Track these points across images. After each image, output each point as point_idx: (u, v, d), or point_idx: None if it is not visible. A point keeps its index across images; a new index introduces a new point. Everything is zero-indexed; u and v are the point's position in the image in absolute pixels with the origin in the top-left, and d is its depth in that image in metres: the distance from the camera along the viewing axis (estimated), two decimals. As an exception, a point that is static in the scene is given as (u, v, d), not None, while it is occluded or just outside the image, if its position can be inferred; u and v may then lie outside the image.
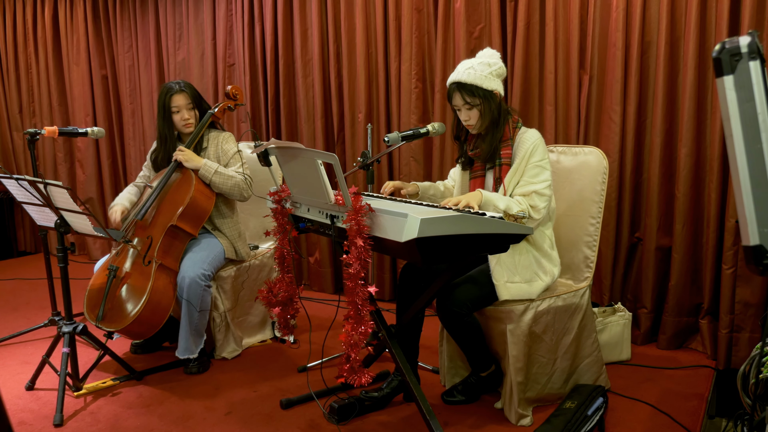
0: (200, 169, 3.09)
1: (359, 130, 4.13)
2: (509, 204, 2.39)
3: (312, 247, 4.52)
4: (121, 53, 5.26)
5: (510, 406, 2.55)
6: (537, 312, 2.51)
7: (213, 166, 3.10)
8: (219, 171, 3.10)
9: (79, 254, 5.78)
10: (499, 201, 2.38)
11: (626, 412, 2.62)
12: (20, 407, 2.78)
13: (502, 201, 2.39)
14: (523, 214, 2.38)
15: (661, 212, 3.23)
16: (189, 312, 2.99)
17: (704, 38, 3.02)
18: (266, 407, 2.74)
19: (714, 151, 3.02)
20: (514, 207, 2.39)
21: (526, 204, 2.43)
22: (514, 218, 2.37)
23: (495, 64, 2.52)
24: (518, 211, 2.38)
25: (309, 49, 4.26)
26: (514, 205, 2.40)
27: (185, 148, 3.13)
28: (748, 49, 1.16)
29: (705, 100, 3.07)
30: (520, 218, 2.38)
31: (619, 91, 3.22)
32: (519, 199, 2.44)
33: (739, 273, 2.98)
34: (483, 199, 2.37)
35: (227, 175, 3.12)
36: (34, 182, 2.60)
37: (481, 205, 2.36)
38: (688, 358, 3.16)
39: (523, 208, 2.40)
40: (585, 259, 2.75)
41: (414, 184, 2.75)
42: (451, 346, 2.82)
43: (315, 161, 2.18)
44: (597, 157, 2.76)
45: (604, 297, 3.40)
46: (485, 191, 2.42)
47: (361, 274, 2.15)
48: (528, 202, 2.44)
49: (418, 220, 1.92)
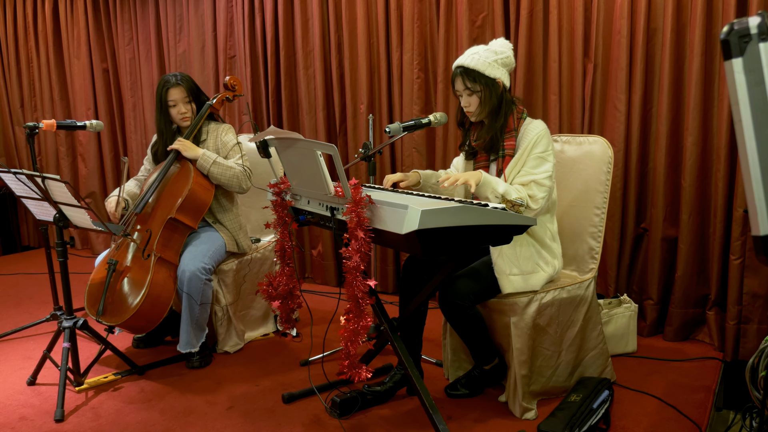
0: (198, 159, 3.06)
1: (361, 122, 4.09)
2: (508, 189, 2.36)
3: (315, 240, 4.50)
4: (121, 46, 5.23)
5: (514, 400, 2.53)
6: (541, 304, 2.48)
7: (211, 156, 3.07)
8: (217, 161, 3.07)
9: (82, 248, 5.77)
10: (498, 184, 2.35)
11: (632, 404, 2.59)
12: (21, 402, 2.77)
13: (501, 185, 2.36)
14: (521, 202, 2.34)
15: (667, 202, 3.18)
16: (190, 306, 2.96)
17: (711, 25, 2.96)
18: (268, 402, 2.72)
19: (721, 139, 2.97)
20: (513, 193, 2.36)
21: (525, 193, 2.40)
22: (511, 204, 2.33)
23: (502, 53, 2.48)
24: (516, 197, 2.34)
25: (310, 40, 4.22)
26: (513, 191, 2.37)
27: (182, 139, 3.10)
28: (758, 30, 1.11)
29: (712, 88, 3.02)
30: (518, 206, 2.34)
31: (624, 79, 3.16)
32: (518, 187, 2.41)
33: (747, 263, 2.94)
34: (482, 179, 2.34)
35: (226, 165, 3.08)
36: (32, 176, 2.58)
37: (480, 184, 2.33)
38: (695, 350, 3.13)
39: (521, 196, 2.37)
40: (590, 250, 2.72)
41: (415, 172, 2.71)
42: (454, 339, 2.79)
43: (314, 152, 2.14)
44: (602, 146, 2.72)
45: (609, 288, 3.36)
46: (486, 173, 2.39)
47: (360, 266, 2.12)
48: (526, 192, 2.41)
49: (418, 211, 1.89)
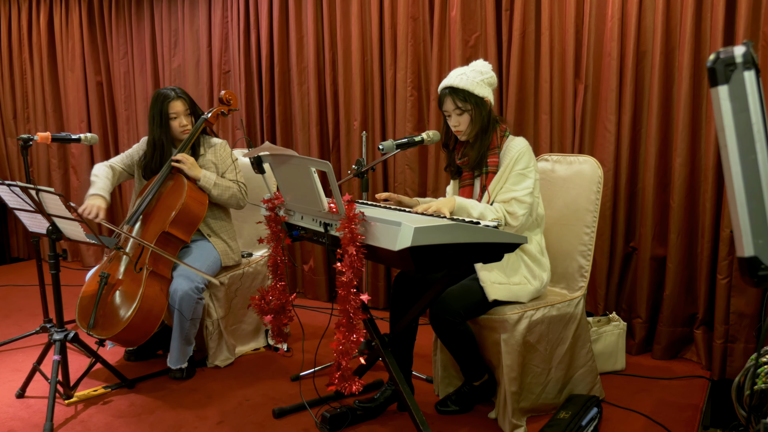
0: (200, 180, 3.08)
1: (354, 138, 4.12)
2: (483, 212, 2.39)
3: (306, 255, 4.51)
4: (116, 59, 5.25)
5: (504, 416, 2.54)
6: (531, 321, 2.50)
7: (212, 177, 3.10)
8: (217, 183, 3.11)
9: (72, 261, 5.74)
10: (473, 209, 2.38)
11: (620, 422, 2.60)
12: (10, 415, 2.75)
13: (476, 209, 2.38)
14: (498, 222, 2.35)
15: (656, 222, 3.22)
16: (180, 323, 2.97)
17: (699, 48, 3.02)
18: (258, 416, 2.72)
19: (709, 161, 3.02)
20: (489, 215, 2.39)
21: (503, 211, 2.43)
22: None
23: (487, 73, 2.55)
24: (493, 219, 2.38)
25: (304, 57, 4.26)
26: (490, 212, 2.40)
27: (187, 156, 3.11)
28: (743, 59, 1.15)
29: (700, 110, 3.07)
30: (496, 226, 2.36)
31: (614, 100, 3.22)
32: (497, 206, 2.45)
33: (734, 283, 2.97)
34: (456, 206, 2.37)
35: (225, 186, 3.12)
36: (25, 188, 2.58)
37: (454, 211, 2.36)
38: (683, 368, 3.15)
39: (498, 216, 2.41)
40: (579, 269, 2.74)
41: (415, 200, 2.76)
42: (444, 356, 2.80)
43: (308, 169, 2.17)
44: (592, 166, 2.76)
45: (598, 306, 3.39)
46: (460, 198, 2.42)
47: (353, 282, 2.14)
48: (506, 209, 2.44)
49: (411, 228, 1.91)
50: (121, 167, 3.29)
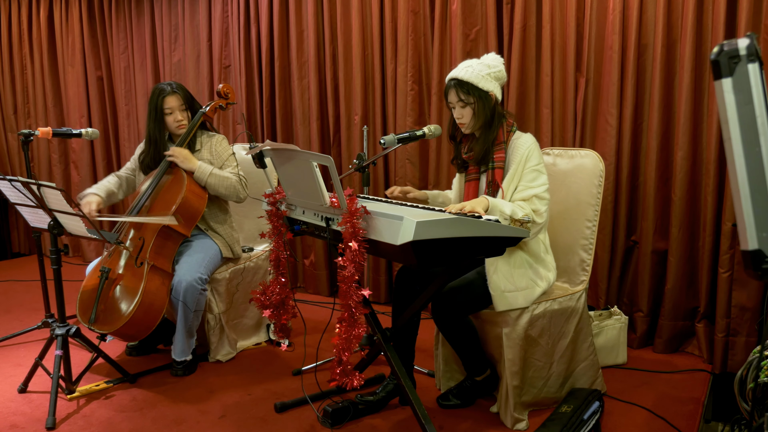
0: (195, 171, 3.07)
1: (355, 133, 4.12)
2: (514, 209, 2.37)
3: (307, 250, 4.51)
4: (116, 54, 5.24)
5: (506, 410, 2.54)
6: (533, 316, 2.50)
7: (207, 168, 3.09)
8: (214, 173, 3.09)
9: (73, 256, 5.75)
10: (505, 207, 2.36)
11: (622, 416, 2.61)
12: (12, 410, 2.76)
13: (508, 207, 2.37)
14: (528, 218, 2.36)
15: (658, 215, 3.22)
16: (185, 315, 2.97)
17: (701, 41, 3.01)
18: (260, 411, 2.72)
19: (710, 154, 3.02)
20: (519, 212, 2.37)
21: (529, 209, 2.42)
22: (520, 223, 2.35)
23: (495, 67, 2.51)
24: (523, 215, 2.37)
25: (305, 51, 4.25)
26: (519, 210, 2.38)
27: (181, 148, 3.10)
28: (747, 52, 1.15)
29: (701, 103, 3.06)
30: (525, 223, 2.36)
31: (615, 93, 3.21)
32: (521, 204, 2.43)
33: (736, 277, 2.97)
34: (490, 205, 2.34)
35: (222, 176, 3.10)
36: (27, 183, 2.58)
37: (488, 210, 2.33)
38: (685, 362, 3.16)
39: (527, 212, 2.39)
40: (581, 263, 2.74)
41: (423, 192, 2.75)
42: (446, 350, 2.81)
43: (310, 163, 2.16)
44: (593, 159, 2.75)
45: (600, 300, 3.39)
46: (490, 198, 2.40)
47: (355, 276, 2.14)
48: (530, 207, 2.43)
49: (413, 222, 1.91)
50: (126, 173, 3.34)
